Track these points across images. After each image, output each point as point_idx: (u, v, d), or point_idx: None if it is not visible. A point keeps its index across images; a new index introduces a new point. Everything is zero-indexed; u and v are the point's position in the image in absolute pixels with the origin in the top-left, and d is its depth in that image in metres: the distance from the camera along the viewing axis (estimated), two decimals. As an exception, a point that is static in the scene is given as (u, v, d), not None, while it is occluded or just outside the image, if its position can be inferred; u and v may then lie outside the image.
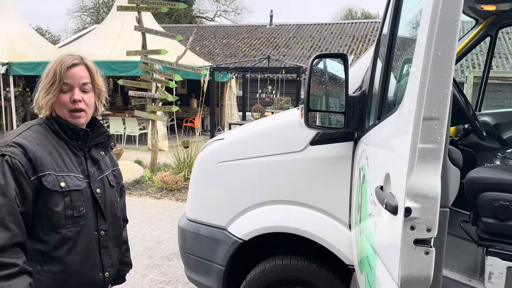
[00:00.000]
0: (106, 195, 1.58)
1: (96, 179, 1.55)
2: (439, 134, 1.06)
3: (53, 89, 1.46)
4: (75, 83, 1.49)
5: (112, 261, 1.61)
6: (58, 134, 1.49)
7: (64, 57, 1.50)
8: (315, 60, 2.11)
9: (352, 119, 2.09)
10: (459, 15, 1.01)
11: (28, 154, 1.38)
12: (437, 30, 1.01)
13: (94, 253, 1.53)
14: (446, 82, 1.04)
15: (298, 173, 2.36)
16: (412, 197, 1.07)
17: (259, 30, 21.19)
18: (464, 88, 8.30)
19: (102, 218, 1.55)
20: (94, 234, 1.52)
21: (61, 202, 1.42)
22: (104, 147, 1.62)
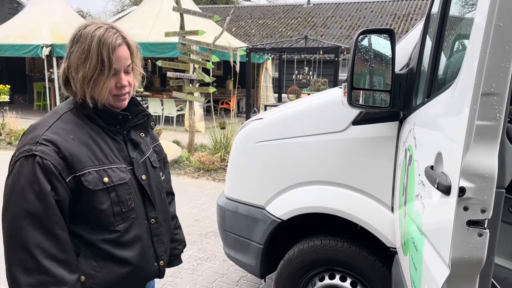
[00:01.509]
0: (151, 179, 1.45)
1: (139, 165, 1.41)
2: (498, 110, 1.00)
3: (104, 79, 1.27)
4: (121, 67, 1.31)
5: (164, 247, 1.50)
6: (94, 120, 1.33)
7: (103, 33, 1.27)
8: (360, 36, 2.04)
9: (398, 98, 2.02)
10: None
11: (62, 152, 1.22)
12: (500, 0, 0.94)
13: (148, 244, 1.41)
14: (507, 55, 0.98)
15: (339, 154, 2.32)
16: (467, 177, 1.02)
17: (296, 10, 20.82)
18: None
19: (151, 205, 1.43)
20: (145, 224, 1.41)
21: (107, 199, 1.29)
22: (143, 128, 1.47)
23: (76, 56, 1.27)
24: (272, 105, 11.51)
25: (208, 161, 6.74)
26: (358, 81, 2.06)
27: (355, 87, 2.03)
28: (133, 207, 1.36)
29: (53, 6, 13.61)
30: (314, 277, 2.51)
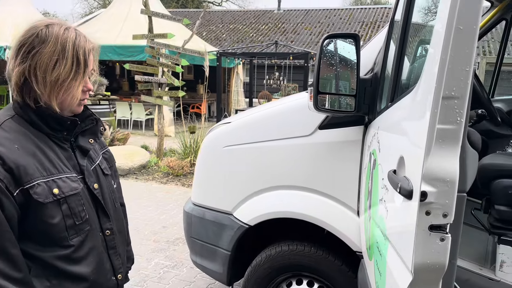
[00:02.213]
0: (103, 188, 1.37)
1: (90, 173, 1.33)
2: (459, 114, 1.00)
3: (78, 82, 1.23)
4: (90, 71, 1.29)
5: (122, 259, 1.43)
6: (39, 126, 1.22)
7: (76, 36, 1.24)
8: (326, 40, 2.03)
9: (363, 102, 2.03)
10: (484, -14, 0.94)
11: (6, 163, 1.11)
12: (460, 1, 0.94)
13: (104, 257, 1.34)
14: (468, 58, 0.98)
15: (306, 158, 2.30)
16: (428, 181, 1.01)
17: (266, 15, 20.93)
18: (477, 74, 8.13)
19: (105, 215, 1.36)
20: (100, 236, 1.33)
21: (58, 212, 1.19)
22: (92, 133, 1.39)
23: (46, 57, 1.19)
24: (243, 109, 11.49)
25: (178, 166, 6.62)
26: (324, 86, 2.06)
27: (321, 91, 2.02)
28: (87, 218, 1.28)
29: (17, 7, 13.12)
30: (281, 283, 2.48)
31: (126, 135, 8.20)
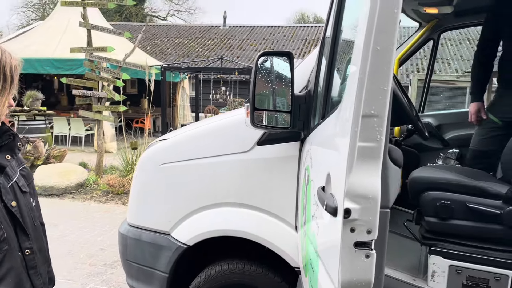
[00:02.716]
0: (22, 206, 1.33)
1: (7, 191, 1.29)
2: (378, 132, 1.02)
3: (5, 97, 1.24)
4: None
5: (42, 279, 1.39)
6: None
7: (1, 51, 1.26)
8: (261, 58, 2.05)
9: (298, 119, 2.05)
10: (399, 7, 0.98)
11: None
12: (376, 23, 0.97)
13: (24, 277, 1.30)
14: (385, 78, 1.00)
15: (244, 174, 2.28)
16: (351, 198, 1.02)
17: (212, 31, 21.02)
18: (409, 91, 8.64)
19: (24, 234, 1.31)
20: (19, 256, 1.29)
21: None
22: (9, 149, 1.34)
23: None
24: (189, 124, 11.35)
25: (118, 183, 6.37)
26: (260, 102, 2.07)
27: (257, 108, 2.02)
28: (5, 237, 1.23)
29: None
30: (222, 304, 2.41)
31: (62, 152, 7.79)
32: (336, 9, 1.62)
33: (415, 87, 8.39)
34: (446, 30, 3.75)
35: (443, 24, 3.53)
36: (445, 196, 2.12)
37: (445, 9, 3.05)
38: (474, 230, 2.09)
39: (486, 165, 2.70)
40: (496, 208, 2.01)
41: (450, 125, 3.66)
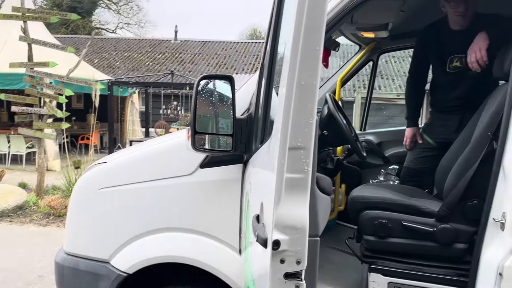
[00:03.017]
0: None
1: None
2: (305, 163, 1.04)
3: None
4: None
5: None
6: None
7: None
8: (202, 81, 2.05)
9: (240, 142, 2.06)
10: (321, 45, 1.01)
11: None
12: (300, 59, 1.00)
13: None
14: (310, 111, 1.03)
15: (187, 198, 2.25)
16: (280, 229, 1.03)
17: (163, 45, 20.82)
18: (353, 108, 9.00)
19: None
20: None
21: None
22: None
23: None
24: (138, 140, 11.09)
25: (60, 205, 6.07)
26: (203, 125, 2.06)
27: (199, 131, 2.01)
28: None
29: None
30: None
31: (0, 172, 7.34)
32: (272, 36, 1.66)
33: (358, 104, 8.72)
34: (384, 52, 3.94)
35: (381, 46, 3.71)
36: (382, 215, 2.20)
37: (381, 34, 3.21)
38: (410, 247, 2.18)
39: (419, 183, 2.84)
40: (429, 226, 2.11)
41: (390, 142, 3.83)
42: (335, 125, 2.46)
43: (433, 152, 2.87)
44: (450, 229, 2.05)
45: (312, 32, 0.99)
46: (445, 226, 2.06)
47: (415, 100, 3.09)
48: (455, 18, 2.58)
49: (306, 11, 0.95)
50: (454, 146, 2.40)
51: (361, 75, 16.15)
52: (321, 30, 0.98)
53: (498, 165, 1.80)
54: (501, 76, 2.15)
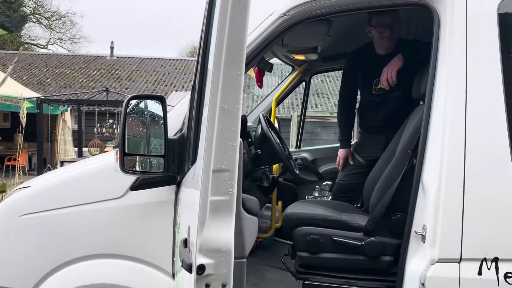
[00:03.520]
0: None
1: None
2: (230, 185, 1.05)
3: None
4: None
5: None
6: None
7: None
8: (131, 101, 2.01)
9: (172, 162, 2.03)
10: (242, 71, 1.04)
11: None
12: (222, 84, 1.02)
13: None
14: (234, 134, 1.05)
15: (117, 223, 2.16)
16: (205, 253, 1.03)
17: (98, 61, 20.16)
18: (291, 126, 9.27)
19: None
20: None
21: None
22: None
23: None
24: (70, 160, 10.55)
25: (-20, 233, 5.56)
26: (133, 146, 2.01)
27: (128, 152, 1.96)
28: None
29: None
30: None
31: None
32: (202, 55, 1.67)
33: (295, 122, 8.98)
34: (316, 73, 4.11)
35: (313, 68, 3.87)
36: (314, 231, 2.26)
37: (311, 56, 3.36)
38: (341, 262, 2.25)
39: (350, 198, 2.97)
40: (357, 240, 2.20)
41: (324, 159, 3.97)
42: (268, 144, 2.51)
43: (363, 169, 3.01)
44: (377, 242, 2.15)
45: (233, 59, 1.01)
46: (372, 239, 2.15)
47: (347, 122, 3.25)
48: (381, 41, 2.76)
49: (226, 38, 0.97)
50: (379, 163, 2.54)
51: (299, 94, 16.69)
52: (241, 57, 1.01)
53: (418, 180, 1.93)
54: (418, 97, 2.32)
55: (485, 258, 1.76)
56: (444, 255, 1.76)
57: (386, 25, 2.67)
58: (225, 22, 0.99)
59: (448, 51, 1.82)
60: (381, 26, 2.69)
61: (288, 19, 1.97)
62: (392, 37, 2.72)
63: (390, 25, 2.67)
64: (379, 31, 2.72)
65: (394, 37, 2.74)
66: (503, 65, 1.80)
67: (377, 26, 2.70)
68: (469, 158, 1.73)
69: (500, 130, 1.76)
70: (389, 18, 2.65)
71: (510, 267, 1.75)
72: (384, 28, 2.69)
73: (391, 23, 2.67)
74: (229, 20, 0.98)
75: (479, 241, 1.76)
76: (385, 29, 2.69)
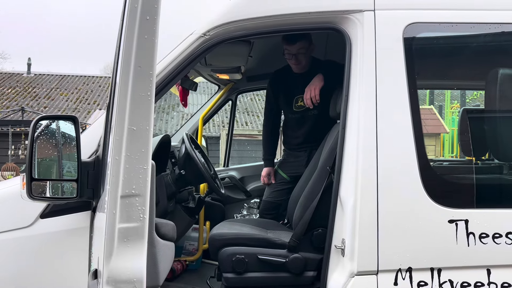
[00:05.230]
0: None
1: None
2: (141, 211, 1.00)
3: None
4: None
5: None
6: None
7: None
8: (40, 121, 1.86)
9: (86, 187, 1.90)
10: (152, 91, 1.00)
11: None
12: (130, 104, 0.98)
13: None
14: (145, 157, 1.01)
15: (25, 254, 1.97)
16: (114, 284, 0.96)
17: (13, 78, 18.79)
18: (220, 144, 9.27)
19: None
20: None
21: None
22: None
23: None
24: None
25: None
26: (42, 170, 1.86)
27: (36, 178, 1.81)
28: None
29: None
30: None
31: None
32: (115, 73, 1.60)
33: (224, 141, 8.99)
34: (242, 92, 4.16)
35: (239, 87, 3.91)
36: (239, 250, 2.23)
37: (235, 76, 3.39)
38: (267, 280, 2.25)
39: (276, 215, 3.00)
40: (282, 257, 2.21)
41: (252, 176, 3.99)
42: (192, 164, 2.47)
43: (288, 185, 3.07)
44: (300, 258, 2.18)
45: (142, 79, 0.97)
46: (295, 255, 2.18)
47: (271, 142, 3.33)
48: (291, 66, 2.89)
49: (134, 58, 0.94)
50: (301, 179, 2.60)
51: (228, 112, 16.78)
52: (150, 77, 0.97)
53: (336, 196, 1.99)
54: (335, 115, 2.43)
55: (400, 268, 1.84)
56: (362, 267, 1.82)
57: (292, 53, 2.81)
58: (132, 41, 0.95)
59: (359, 73, 1.93)
60: (288, 53, 2.82)
61: (208, 39, 1.97)
62: (298, 63, 2.86)
63: (296, 54, 2.82)
64: (287, 57, 2.85)
65: (301, 63, 2.88)
66: (409, 85, 1.93)
67: (286, 52, 2.83)
68: (381, 175, 1.82)
69: (408, 147, 1.88)
70: (295, 48, 2.79)
71: (422, 276, 1.85)
72: (291, 56, 2.82)
73: (297, 53, 2.81)
74: (137, 39, 0.95)
75: (394, 253, 1.84)
76: (291, 57, 2.82)
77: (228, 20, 1.94)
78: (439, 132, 9.78)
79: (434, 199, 1.84)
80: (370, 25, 1.96)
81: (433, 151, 8.94)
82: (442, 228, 1.83)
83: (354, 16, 1.96)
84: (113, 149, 0.97)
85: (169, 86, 1.99)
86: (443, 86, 4.47)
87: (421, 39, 2.08)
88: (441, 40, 2.18)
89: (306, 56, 2.87)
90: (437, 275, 1.84)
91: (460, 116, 2.66)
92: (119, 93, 0.95)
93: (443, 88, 6.41)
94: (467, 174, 2.48)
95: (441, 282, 1.83)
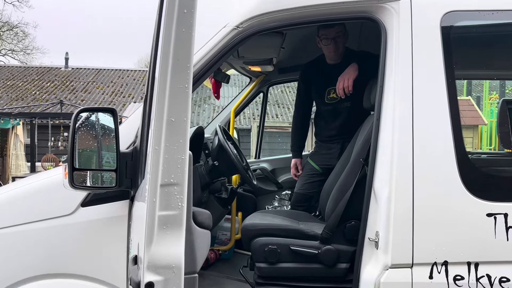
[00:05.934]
0: None
1: None
2: (179, 199, 1.04)
3: None
4: None
5: None
6: None
7: None
8: (81, 114, 1.94)
9: (125, 177, 1.97)
10: (189, 83, 1.03)
11: None
12: (169, 96, 1.00)
13: None
14: (182, 147, 1.04)
15: (67, 241, 2.07)
16: (154, 270, 1.00)
17: (52, 73, 19.48)
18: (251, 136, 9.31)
19: None
20: None
21: None
22: None
23: None
24: (22, 176, 10.05)
25: None
26: (83, 160, 1.93)
27: (78, 167, 1.89)
28: None
29: None
30: None
31: None
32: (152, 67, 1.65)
33: (255, 133, 9.03)
34: (273, 84, 4.16)
35: (270, 79, 3.91)
36: (272, 241, 2.26)
37: (267, 68, 3.39)
38: (299, 271, 2.26)
39: (308, 207, 3.00)
40: (314, 248, 2.22)
41: (283, 168, 4.00)
42: (225, 156, 2.50)
43: (320, 178, 3.05)
44: (333, 250, 2.17)
45: (180, 72, 1.00)
46: (328, 247, 2.18)
47: (300, 134, 3.33)
48: (327, 54, 2.84)
49: (172, 51, 0.96)
50: (334, 172, 2.59)
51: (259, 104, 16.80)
52: (188, 69, 1.00)
53: (370, 188, 1.97)
54: (369, 107, 2.39)
55: (436, 262, 1.81)
56: (397, 260, 1.80)
57: (330, 37, 2.76)
58: (171, 34, 0.98)
59: (394, 63, 1.89)
60: (326, 38, 2.77)
61: (241, 31, 1.98)
62: (336, 49, 2.81)
63: (335, 38, 2.77)
64: (324, 43, 2.80)
65: (339, 49, 2.83)
66: (447, 75, 1.88)
67: (323, 38, 2.79)
68: (417, 167, 1.79)
69: (446, 138, 1.84)
70: (333, 31, 2.74)
71: (459, 270, 1.82)
72: (329, 41, 2.77)
73: (335, 36, 2.76)
74: (175, 33, 0.98)
75: (429, 246, 1.81)
76: (329, 41, 2.78)
77: (262, 11, 1.95)
78: (477, 123, 9.47)
79: (472, 192, 1.79)
80: (406, 14, 1.92)
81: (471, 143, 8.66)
82: (480, 222, 1.79)
83: (390, 5, 1.92)
84: (153, 140, 1.00)
85: (203, 79, 2.02)
86: (482, 77, 4.32)
87: (459, 27, 2.02)
88: (480, 29, 2.11)
89: (343, 42, 2.83)
90: (474, 269, 1.80)
91: (499, 107, 2.56)
92: (158, 86, 0.98)
93: (482, 78, 6.18)
94: (506, 167, 2.40)
95: (478, 277, 1.79)
